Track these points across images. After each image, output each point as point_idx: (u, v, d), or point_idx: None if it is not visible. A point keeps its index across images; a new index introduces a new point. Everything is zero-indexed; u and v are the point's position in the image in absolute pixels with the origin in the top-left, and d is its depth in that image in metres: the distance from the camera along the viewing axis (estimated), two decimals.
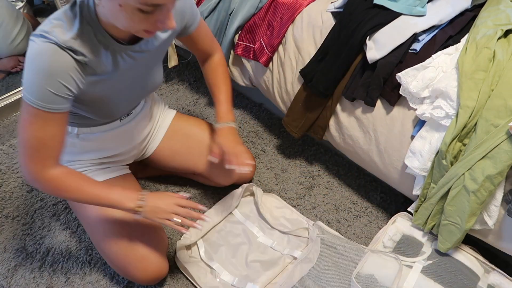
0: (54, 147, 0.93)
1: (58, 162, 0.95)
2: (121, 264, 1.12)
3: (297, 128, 1.39)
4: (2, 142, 1.66)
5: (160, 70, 1.13)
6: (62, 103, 0.88)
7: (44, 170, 0.93)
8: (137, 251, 1.11)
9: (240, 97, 1.87)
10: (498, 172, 0.92)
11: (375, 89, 1.14)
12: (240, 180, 1.40)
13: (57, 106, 0.88)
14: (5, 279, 1.24)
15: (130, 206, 1.00)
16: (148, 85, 1.11)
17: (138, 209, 1.01)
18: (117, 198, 1.00)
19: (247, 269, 1.22)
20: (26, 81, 0.85)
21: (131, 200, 1.01)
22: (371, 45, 1.13)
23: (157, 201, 1.03)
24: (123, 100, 1.06)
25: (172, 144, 1.34)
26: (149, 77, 1.09)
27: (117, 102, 1.04)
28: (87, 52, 0.88)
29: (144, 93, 1.13)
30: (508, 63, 0.98)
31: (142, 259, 1.11)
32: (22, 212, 1.42)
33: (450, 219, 1.03)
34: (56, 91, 0.85)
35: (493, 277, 1.06)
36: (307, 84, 1.28)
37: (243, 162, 1.16)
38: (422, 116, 1.06)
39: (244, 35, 1.47)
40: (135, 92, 1.09)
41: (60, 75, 0.84)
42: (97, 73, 0.92)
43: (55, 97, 0.86)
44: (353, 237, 1.34)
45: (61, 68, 0.84)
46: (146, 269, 1.11)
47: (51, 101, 0.86)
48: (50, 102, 0.86)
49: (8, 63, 1.84)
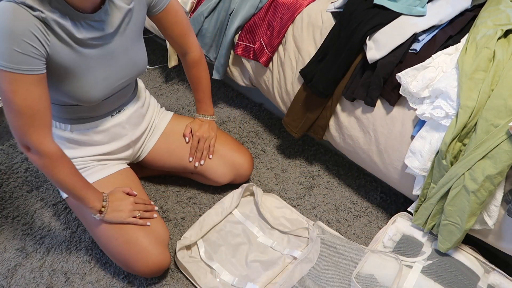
0: (45, 110, 0.94)
1: (52, 136, 0.98)
2: (122, 257, 1.13)
3: (297, 128, 1.39)
4: (2, 142, 1.66)
5: (141, 52, 1.13)
6: (34, 63, 0.88)
7: (44, 142, 0.95)
8: (138, 244, 1.11)
9: (240, 97, 1.87)
10: (498, 172, 0.92)
11: (375, 89, 1.14)
12: (237, 179, 1.40)
13: (30, 67, 0.88)
14: (5, 279, 1.24)
15: (96, 206, 1.08)
16: (128, 66, 1.10)
17: (102, 209, 1.09)
18: (91, 194, 1.08)
19: (247, 269, 1.22)
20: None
21: (99, 200, 1.09)
22: (371, 45, 1.13)
23: (117, 202, 1.12)
24: (100, 79, 1.04)
25: (169, 143, 1.35)
26: (127, 57, 1.08)
27: (92, 80, 1.02)
28: (44, 10, 0.88)
29: (125, 74, 1.11)
30: (508, 63, 0.98)
31: (143, 251, 1.11)
32: (22, 212, 1.42)
33: (450, 219, 1.03)
34: (23, 50, 0.85)
35: (493, 277, 1.06)
36: (307, 84, 1.28)
37: (198, 158, 1.34)
38: (422, 116, 1.06)
39: (244, 35, 1.47)
40: (113, 72, 1.07)
41: (22, 33, 0.84)
42: (58, 34, 0.92)
43: (24, 57, 0.86)
44: (353, 237, 1.34)
45: (21, 25, 0.84)
46: (147, 261, 1.11)
47: (23, 61, 0.86)
48: (22, 63, 0.86)
49: None
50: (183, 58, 1.31)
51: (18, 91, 0.88)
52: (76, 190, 1.05)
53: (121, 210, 1.12)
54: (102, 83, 1.05)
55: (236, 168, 1.37)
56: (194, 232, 1.30)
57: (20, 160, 1.58)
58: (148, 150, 1.34)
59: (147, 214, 1.17)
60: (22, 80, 0.88)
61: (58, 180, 1.01)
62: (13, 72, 0.86)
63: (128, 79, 1.13)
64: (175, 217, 1.40)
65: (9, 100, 0.90)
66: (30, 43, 0.86)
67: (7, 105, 0.91)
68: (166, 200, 1.45)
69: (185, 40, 1.24)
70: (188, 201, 1.45)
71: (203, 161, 1.34)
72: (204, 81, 1.34)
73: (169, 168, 1.39)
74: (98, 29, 0.98)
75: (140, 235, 1.12)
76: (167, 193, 1.48)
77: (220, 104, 1.84)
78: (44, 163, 0.98)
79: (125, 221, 1.12)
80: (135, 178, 1.27)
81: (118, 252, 1.13)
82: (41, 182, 1.51)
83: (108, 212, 1.10)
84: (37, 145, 0.95)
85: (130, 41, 1.07)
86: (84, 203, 1.07)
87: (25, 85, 0.89)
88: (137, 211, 1.14)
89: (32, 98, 0.90)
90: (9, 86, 0.88)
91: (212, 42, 1.55)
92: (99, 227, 1.13)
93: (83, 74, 1.00)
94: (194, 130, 1.36)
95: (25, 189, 1.49)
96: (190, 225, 1.36)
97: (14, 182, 1.51)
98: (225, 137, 1.40)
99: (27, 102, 0.90)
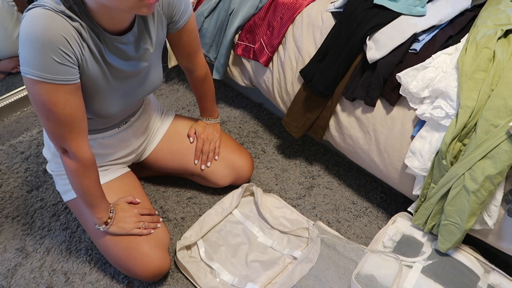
0: (83, 117, 0.94)
1: (88, 142, 0.98)
2: (122, 261, 1.12)
3: (297, 128, 1.39)
4: (2, 142, 1.66)
5: (160, 71, 1.13)
6: (72, 73, 0.86)
7: (81, 148, 0.95)
8: (138, 249, 1.11)
9: (240, 97, 1.87)
10: (498, 172, 0.92)
11: (375, 89, 1.14)
12: (238, 181, 1.40)
13: (67, 77, 0.85)
14: (5, 279, 1.24)
15: (104, 217, 1.08)
16: (147, 84, 1.10)
17: (108, 220, 1.09)
18: (104, 205, 1.08)
19: (247, 269, 1.22)
20: (28, 59, 0.81)
21: (107, 211, 1.09)
22: (371, 45, 1.13)
23: (122, 213, 1.12)
24: (120, 97, 1.04)
25: (170, 144, 1.35)
26: (148, 77, 1.09)
27: (113, 98, 1.02)
28: (82, 22, 0.86)
29: (142, 92, 1.12)
30: (508, 63, 0.98)
31: (143, 256, 1.11)
32: (22, 212, 1.42)
33: (450, 219, 1.03)
34: (60, 60, 0.82)
35: (493, 277, 1.06)
36: (307, 84, 1.28)
37: (204, 160, 1.35)
38: (422, 116, 1.06)
39: (244, 35, 1.47)
40: (133, 90, 1.08)
41: (59, 41, 0.81)
42: (92, 49, 0.90)
43: (62, 67, 0.83)
44: (353, 237, 1.34)
45: (58, 33, 0.80)
46: (147, 266, 1.11)
47: (61, 71, 0.83)
48: (60, 73, 0.84)
49: (9, 64, 1.85)
50: (189, 74, 1.29)
51: (58, 101, 0.86)
52: (94, 198, 1.04)
53: (126, 222, 1.11)
54: (120, 100, 1.05)
55: (237, 170, 1.37)
56: (194, 232, 1.30)
57: (20, 160, 1.58)
58: (150, 151, 1.34)
59: (152, 224, 1.17)
60: (61, 90, 0.86)
61: (83, 186, 1.01)
62: (53, 83, 0.84)
63: (144, 96, 1.13)
64: (175, 217, 1.40)
65: (48, 111, 0.88)
66: (67, 52, 0.83)
67: (45, 115, 0.89)
68: (166, 200, 1.45)
69: (193, 59, 1.23)
70: (188, 201, 1.45)
71: (210, 163, 1.34)
72: (209, 94, 1.35)
73: (170, 169, 1.39)
74: (128, 55, 0.98)
75: (140, 239, 1.12)
76: (167, 193, 1.48)
77: (220, 104, 1.84)
78: (77, 168, 0.97)
79: (129, 233, 1.12)
80: (137, 182, 1.27)
81: (117, 256, 1.12)
82: (41, 182, 1.51)
83: (114, 224, 1.10)
84: (75, 151, 0.95)
85: (151, 64, 1.08)
86: (94, 212, 1.06)
87: (64, 95, 0.87)
88: (141, 222, 1.14)
89: (70, 107, 0.89)
90: (48, 97, 0.85)
91: (212, 42, 1.55)
92: (100, 234, 1.13)
93: (106, 92, 0.99)
94: (199, 132, 1.36)
95: (25, 189, 1.49)
96: (190, 225, 1.36)
97: (14, 182, 1.51)
98: (226, 139, 1.40)
99: (66, 111, 0.89)
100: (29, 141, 1.66)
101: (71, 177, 1.00)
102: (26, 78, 0.83)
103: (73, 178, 1.00)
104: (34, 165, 1.57)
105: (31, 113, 1.80)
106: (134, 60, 1.00)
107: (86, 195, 1.03)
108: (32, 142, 1.66)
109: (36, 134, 1.69)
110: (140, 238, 1.12)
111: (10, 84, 1.84)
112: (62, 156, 0.97)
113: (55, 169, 1.18)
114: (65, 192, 1.17)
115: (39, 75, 0.82)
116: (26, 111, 1.81)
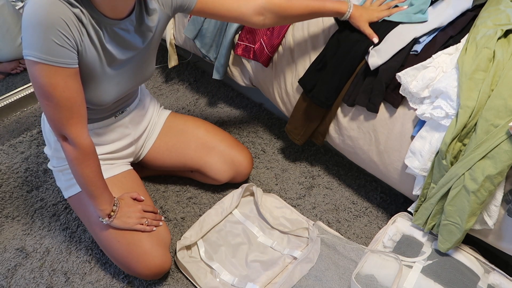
0: (82, 103, 0.95)
1: (88, 130, 0.99)
2: (124, 259, 1.13)
3: (299, 135, 1.39)
4: (2, 142, 1.66)
5: (153, 62, 1.15)
6: (71, 57, 0.89)
7: (81, 134, 0.97)
8: (139, 247, 1.11)
9: (240, 97, 1.87)
10: (498, 172, 0.92)
11: (378, 95, 1.13)
12: (237, 177, 1.40)
13: (68, 61, 0.88)
14: (5, 279, 1.24)
15: (107, 209, 1.08)
16: (139, 74, 1.12)
17: (111, 213, 1.09)
18: (107, 196, 1.08)
19: (247, 269, 1.22)
20: (30, 42, 0.84)
21: (110, 203, 1.09)
22: (373, 52, 1.13)
23: (126, 208, 1.12)
24: (114, 85, 1.06)
25: (167, 140, 1.35)
26: (142, 67, 1.10)
27: (108, 86, 1.04)
28: (83, 9, 0.88)
29: (136, 82, 1.13)
30: (508, 63, 0.98)
31: (144, 254, 1.11)
32: (22, 212, 1.42)
33: (450, 219, 1.03)
34: (60, 42, 0.85)
35: (493, 277, 1.06)
36: (307, 94, 1.28)
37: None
38: (422, 116, 1.06)
39: (244, 35, 1.47)
40: (126, 79, 1.09)
41: (58, 24, 0.84)
42: (91, 36, 0.92)
43: (62, 49, 0.86)
44: (353, 237, 1.34)
45: (58, 17, 0.84)
46: (149, 264, 1.11)
47: (61, 54, 0.86)
48: (60, 56, 0.86)
49: (9, 65, 1.85)
50: (274, 16, 1.14)
51: (58, 84, 0.89)
52: (96, 188, 1.05)
53: (129, 217, 1.12)
54: (114, 88, 1.06)
55: (236, 165, 1.37)
56: (194, 232, 1.30)
57: (20, 160, 1.58)
58: (148, 148, 1.35)
59: (155, 222, 1.17)
60: (60, 73, 0.88)
61: (84, 175, 1.02)
62: (53, 65, 0.87)
63: (137, 85, 1.15)
64: (175, 217, 1.40)
65: (48, 94, 0.90)
66: (66, 35, 0.86)
67: (45, 99, 0.91)
68: (166, 200, 1.45)
69: (239, 10, 1.11)
70: (188, 201, 1.45)
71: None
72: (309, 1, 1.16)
73: (169, 166, 1.39)
74: (127, 43, 1.00)
75: (142, 237, 1.12)
76: (167, 193, 1.48)
77: (220, 104, 1.84)
78: (77, 155, 0.99)
79: (132, 228, 1.12)
80: (139, 180, 1.28)
81: (119, 254, 1.13)
82: (41, 182, 1.51)
83: (117, 217, 1.10)
84: (75, 137, 0.96)
85: (147, 55, 1.09)
86: (97, 203, 1.07)
87: (64, 78, 0.89)
88: (145, 219, 1.14)
89: (70, 91, 0.91)
90: (48, 80, 0.88)
91: (212, 42, 1.55)
92: (102, 229, 1.13)
93: (101, 80, 1.01)
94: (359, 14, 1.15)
95: (25, 189, 1.49)
96: (190, 225, 1.36)
97: (14, 182, 1.51)
98: (224, 135, 1.40)
99: (65, 95, 0.91)
100: (29, 141, 1.66)
101: (72, 166, 1.01)
102: (28, 60, 0.86)
103: (74, 167, 1.01)
104: (34, 165, 1.57)
105: (31, 113, 1.80)
106: (131, 49, 1.02)
107: (88, 185, 1.03)
108: (32, 142, 1.66)
109: (36, 134, 1.69)
110: (142, 235, 1.13)
111: (10, 84, 1.84)
112: (62, 144, 0.99)
113: (57, 165, 1.18)
114: (67, 188, 1.18)
115: (39, 57, 0.85)
116: (26, 111, 1.81)
